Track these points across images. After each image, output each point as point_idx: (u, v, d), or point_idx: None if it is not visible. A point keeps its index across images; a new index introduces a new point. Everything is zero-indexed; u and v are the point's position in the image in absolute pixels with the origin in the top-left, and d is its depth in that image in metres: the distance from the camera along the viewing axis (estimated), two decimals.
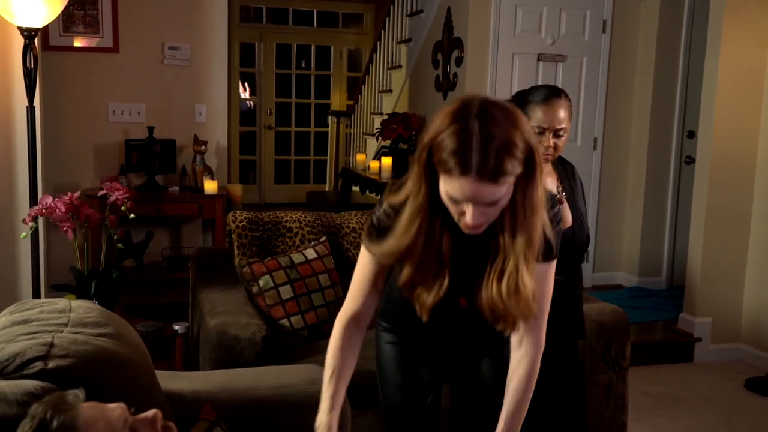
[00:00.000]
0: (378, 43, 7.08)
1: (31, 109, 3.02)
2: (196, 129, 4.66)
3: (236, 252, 3.26)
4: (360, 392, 2.74)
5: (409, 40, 6.19)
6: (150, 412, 1.21)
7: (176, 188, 4.57)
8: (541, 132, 2.36)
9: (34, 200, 2.95)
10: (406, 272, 1.65)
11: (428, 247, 1.62)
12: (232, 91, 8.29)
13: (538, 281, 1.66)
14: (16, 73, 3.04)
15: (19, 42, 2.96)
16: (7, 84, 3.08)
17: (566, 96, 2.42)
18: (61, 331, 1.65)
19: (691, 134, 5.17)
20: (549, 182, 2.43)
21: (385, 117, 5.79)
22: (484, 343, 1.98)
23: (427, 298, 1.68)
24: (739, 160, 4.37)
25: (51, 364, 1.49)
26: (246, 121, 8.89)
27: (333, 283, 3.20)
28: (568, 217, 2.47)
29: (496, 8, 4.98)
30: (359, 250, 3.42)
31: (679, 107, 5.25)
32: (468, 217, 1.52)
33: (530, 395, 1.83)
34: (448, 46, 5.28)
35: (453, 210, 1.55)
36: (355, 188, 6.56)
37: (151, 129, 4.46)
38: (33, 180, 3.06)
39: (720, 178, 4.33)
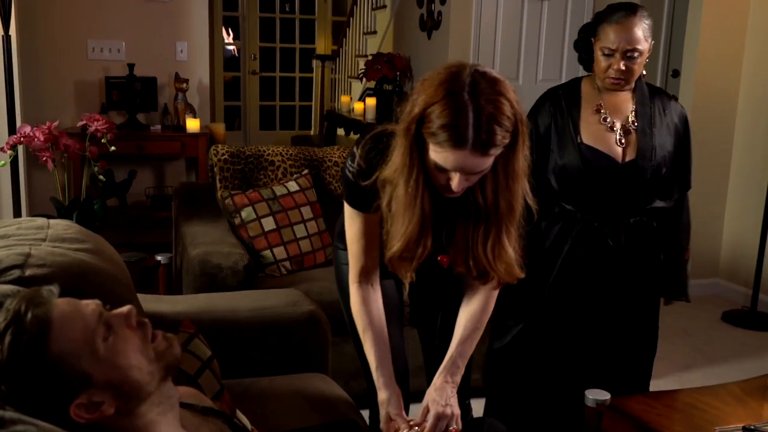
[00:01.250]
0: None
1: (6, 38, 2.97)
2: (177, 67, 4.61)
3: (218, 185, 3.26)
4: (343, 320, 2.79)
5: None
6: (124, 308, 1.22)
7: (158, 127, 4.54)
8: (610, 54, 2.20)
9: (12, 131, 2.92)
10: (397, 246, 1.66)
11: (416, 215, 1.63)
12: (215, 36, 8.18)
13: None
14: None
15: None
16: None
17: (644, 14, 2.20)
18: (39, 245, 1.66)
19: (676, 73, 5.16)
20: (623, 110, 2.30)
21: (370, 58, 5.74)
22: (446, 293, 2.03)
23: (410, 265, 1.70)
24: (721, 98, 4.39)
25: (28, 272, 1.50)
26: (230, 67, 8.79)
27: (315, 216, 3.21)
28: (630, 149, 2.28)
29: None
30: (341, 183, 3.43)
31: (664, 46, 5.23)
32: (454, 185, 1.55)
33: (482, 328, 1.87)
34: None
35: (438, 177, 1.58)
36: (341, 132, 6.54)
37: (131, 66, 4.41)
38: (11, 111, 3.03)
39: (702, 117, 4.35)
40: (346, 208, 1.81)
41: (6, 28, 2.96)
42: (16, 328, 1.13)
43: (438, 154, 1.51)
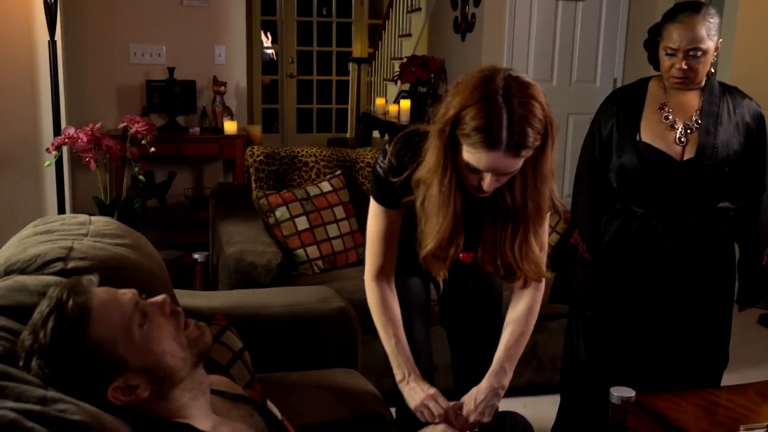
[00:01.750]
0: None
1: (52, 43, 3.09)
2: (215, 70, 4.72)
3: (253, 186, 3.34)
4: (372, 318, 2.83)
5: None
6: (159, 297, 1.29)
7: (197, 129, 4.65)
8: (672, 53, 2.19)
9: (57, 132, 3.03)
10: (430, 245, 1.71)
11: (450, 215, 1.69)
12: (254, 40, 8.31)
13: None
14: (37, 9, 3.10)
15: None
16: (28, 19, 3.15)
17: (708, 12, 2.17)
18: (81, 239, 1.74)
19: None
20: (688, 109, 2.28)
21: (405, 61, 5.79)
22: (474, 292, 2.08)
23: (443, 263, 1.76)
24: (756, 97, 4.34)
25: (70, 264, 1.58)
26: (268, 71, 8.92)
27: (347, 216, 3.27)
28: (690, 147, 2.25)
29: None
30: (371, 179, 3.48)
31: None
32: (485, 185, 1.61)
33: (530, 332, 1.91)
34: None
35: (469, 177, 1.63)
36: (376, 134, 6.61)
37: (171, 70, 4.53)
38: (57, 113, 3.15)
39: None
40: (372, 204, 1.86)
41: (52, 33, 3.08)
42: (59, 315, 1.20)
43: (471, 155, 1.57)
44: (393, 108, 5.84)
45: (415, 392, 1.80)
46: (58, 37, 3.11)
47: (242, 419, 1.39)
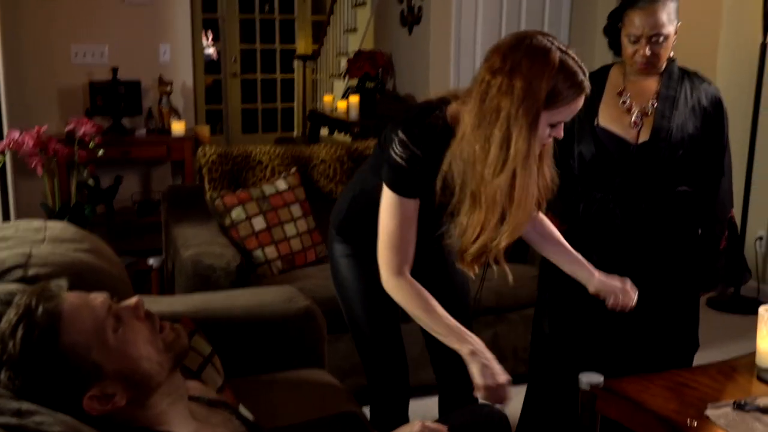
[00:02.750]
0: None
1: None
2: (160, 69, 4.61)
3: (207, 187, 3.28)
4: (337, 316, 2.81)
5: None
6: (132, 300, 1.24)
7: (143, 131, 4.54)
8: (636, 40, 2.21)
9: (0, 136, 2.92)
10: (507, 239, 1.71)
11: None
12: (195, 39, 8.16)
13: None
14: None
15: None
16: None
17: None
18: (39, 245, 1.68)
19: None
20: (646, 94, 2.31)
21: (352, 57, 5.77)
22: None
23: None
24: None
25: (30, 272, 1.52)
26: (210, 71, 8.78)
27: (305, 214, 3.23)
28: (645, 131, 2.29)
29: None
30: (329, 181, 3.44)
31: None
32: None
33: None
34: None
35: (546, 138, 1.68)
36: (324, 131, 6.56)
37: (115, 70, 4.41)
38: None
39: None
40: (391, 197, 1.75)
41: None
42: (28, 322, 1.15)
43: (561, 114, 1.63)
44: (341, 104, 5.81)
45: (491, 369, 1.68)
46: None
47: (222, 424, 1.36)
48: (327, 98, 6.34)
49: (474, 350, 1.68)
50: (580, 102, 1.63)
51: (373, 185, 1.84)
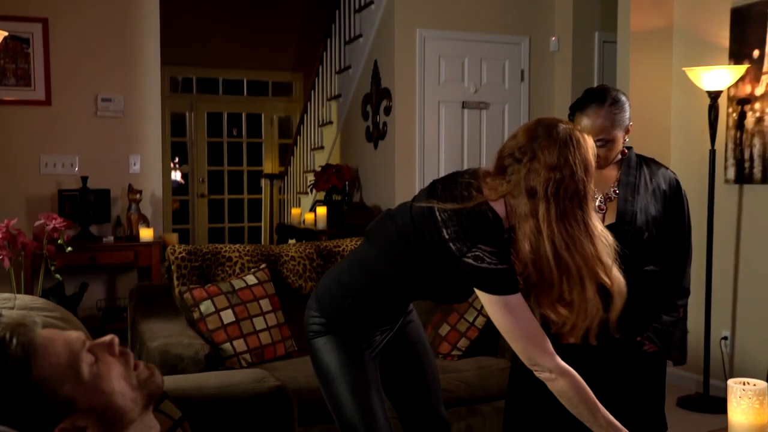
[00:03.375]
0: (308, 103, 7.28)
1: None
2: (131, 179, 4.68)
3: (176, 282, 3.27)
4: (306, 408, 2.76)
5: (339, 96, 6.40)
6: (107, 337, 1.24)
7: (110, 238, 4.55)
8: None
9: None
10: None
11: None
12: (164, 164, 8.33)
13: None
14: None
15: None
16: None
17: (614, 103, 2.30)
18: (9, 311, 1.66)
19: None
20: (606, 182, 2.40)
21: (319, 170, 5.92)
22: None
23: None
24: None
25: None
26: (178, 193, 8.90)
27: (274, 308, 3.23)
28: (610, 214, 2.38)
29: (420, 59, 5.24)
30: (299, 277, 3.45)
31: None
32: None
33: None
34: (377, 97, 5.49)
35: None
36: (292, 242, 6.61)
37: (84, 179, 4.47)
38: None
39: None
40: (505, 302, 1.76)
41: None
42: (1, 354, 1.13)
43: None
44: (309, 216, 5.91)
45: None
46: None
47: None
48: (295, 211, 6.44)
49: None
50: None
51: (393, 278, 1.91)
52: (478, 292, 1.78)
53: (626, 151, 2.45)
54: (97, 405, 1.17)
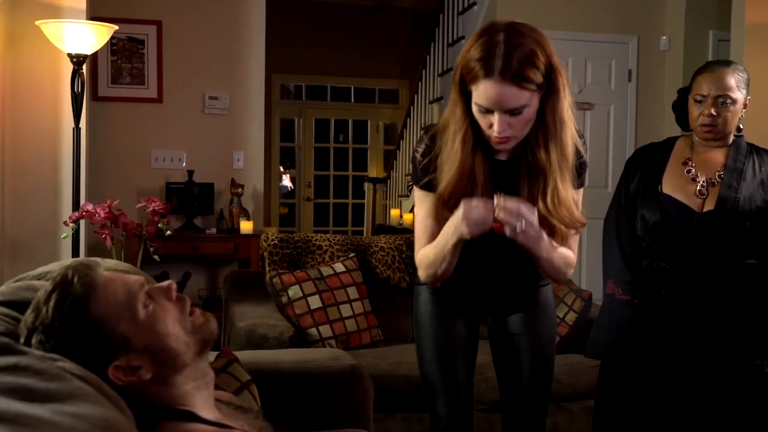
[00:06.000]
0: (411, 107, 7.30)
1: (77, 130, 3.20)
2: (234, 175, 4.84)
3: (267, 269, 3.34)
4: (387, 396, 2.76)
5: (440, 98, 6.39)
6: (165, 282, 1.28)
7: (213, 230, 4.71)
8: (702, 100, 2.23)
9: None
10: (442, 187, 1.75)
11: (467, 174, 1.74)
12: (272, 170, 8.58)
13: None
14: (65, 99, 3.25)
15: (68, 68, 3.18)
16: (56, 109, 3.28)
17: (738, 68, 2.26)
18: None
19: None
20: (712, 165, 2.29)
21: None
22: (517, 281, 2.00)
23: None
24: None
25: None
26: (286, 198, 9.17)
27: (361, 297, 3.25)
28: (711, 200, 2.26)
29: None
30: (387, 267, 3.47)
31: None
32: (495, 125, 1.65)
33: (559, 256, 1.82)
34: None
35: (483, 124, 1.68)
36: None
37: (191, 173, 4.65)
38: (77, 196, 3.21)
39: None
40: (416, 192, 1.88)
41: (77, 120, 3.20)
42: (62, 291, 1.19)
43: (476, 93, 1.63)
44: (407, 216, 5.92)
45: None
46: (83, 125, 3.23)
47: (246, 423, 1.34)
48: (394, 212, 6.47)
49: (454, 228, 1.72)
50: (488, 88, 1.60)
51: None
52: None
53: (739, 131, 2.32)
54: (152, 345, 1.20)
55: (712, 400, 2.28)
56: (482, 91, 1.62)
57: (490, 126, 1.66)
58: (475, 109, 1.67)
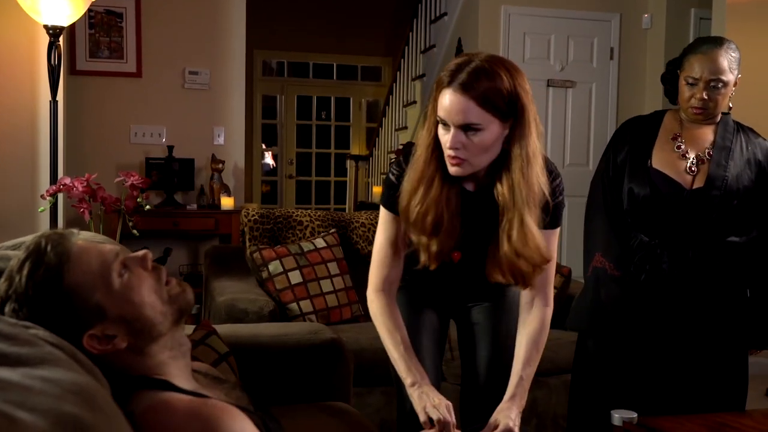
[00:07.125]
0: (394, 84, 7.28)
1: (54, 103, 3.16)
2: (214, 150, 4.80)
3: (248, 244, 3.33)
4: (367, 370, 2.77)
5: (423, 75, 6.37)
6: (141, 252, 1.27)
7: (194, 206, 4.68)
8: (694, 83, 2.21)
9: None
10: (405, 202, 1.73)
11: (426, 188, 1.71)
12: (254, 148, 8.53)
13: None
14: (41, 72, 3.20)
15: (45, 40, 3.14)
16: (32, 82, 3.24)
17: (730, 47, 2.22)
18: None
19: None
20: (701, 142, 2.30)
21: (401, 148, 5.92)
22: (477, 290, 2.02)
23: (432, 248, 1.75)
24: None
25: None
26: (268, 175, 9.11)
27: (342, 272, 3.25)
28: (700, 177, 2.27)
29: (504, 36, 5.15)
30: (368, 243, 3.47)
31: None
32: (448, 139, 1.63)
33: (542, 350, 1.89)
34: None
35: (443, 142, 1.66)
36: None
37: (170, 148, 4.61)
38: (54, 170, 3.18)
39: None
40: (382, 213, 1.87)
41: (54, 94, 3.16)
42: (35, 260, 1.18)
43: (439, 106, 1.63)
44: None
45: (429, 397, 1.72)
46: (60, 98, 3.19)
47: (223, 393, 1.34)
48: (377, 189, 6.47)
49: (415, 382, 1.74)
50: (446, 98, 1.61)
51: None
52: None
53: (729, 109, 2.34)
54: (127, 315, 1.19)
55: (689, 375, 2.31)
56: (441, 101, 1.62)
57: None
58: (438, 127, 1.67)
